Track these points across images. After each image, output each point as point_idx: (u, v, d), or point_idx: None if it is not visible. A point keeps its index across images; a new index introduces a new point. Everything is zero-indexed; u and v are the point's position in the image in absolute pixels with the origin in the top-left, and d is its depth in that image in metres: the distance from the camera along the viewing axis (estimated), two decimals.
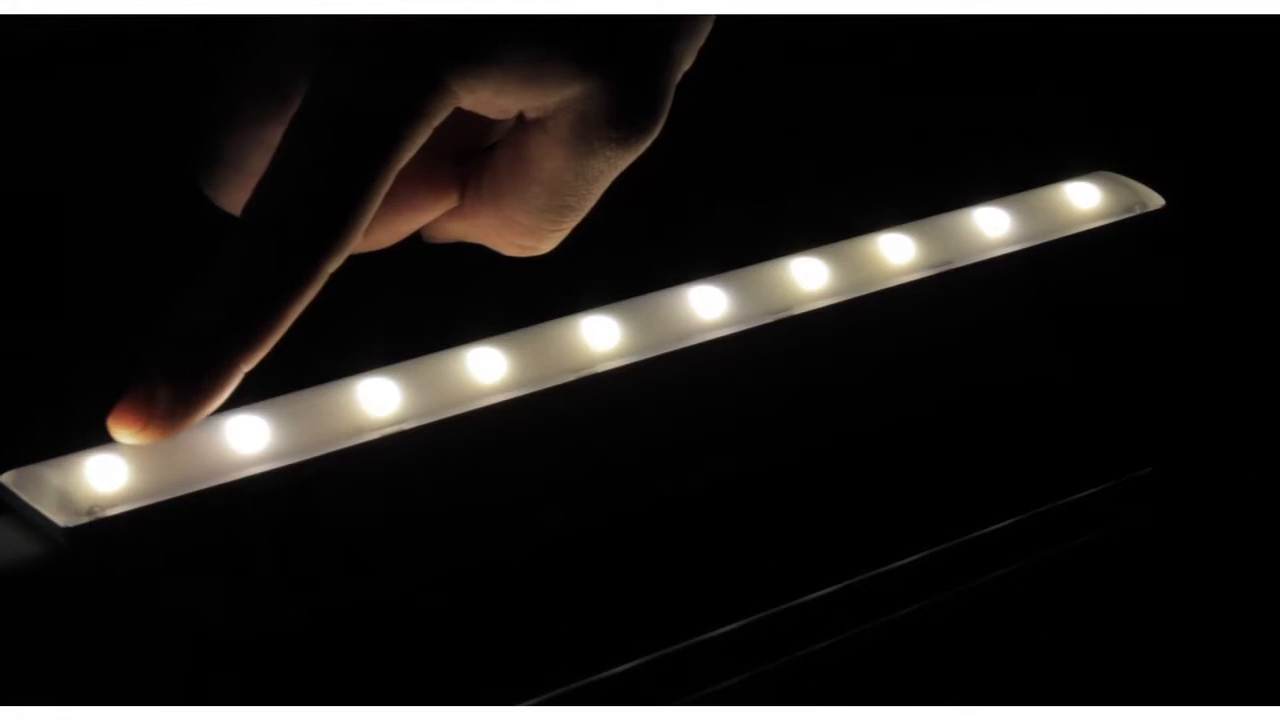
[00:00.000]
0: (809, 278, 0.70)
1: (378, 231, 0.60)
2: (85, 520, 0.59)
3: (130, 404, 0.57)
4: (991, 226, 0.74)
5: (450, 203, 0.62)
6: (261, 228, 0.56)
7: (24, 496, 0.60)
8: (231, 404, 0.59)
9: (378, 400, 0.63)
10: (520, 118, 0.59)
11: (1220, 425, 0.71)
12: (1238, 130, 0.87)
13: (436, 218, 0.62)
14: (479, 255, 0.66)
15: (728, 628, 0.61)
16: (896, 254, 0.72)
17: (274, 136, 0.57)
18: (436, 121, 0.57)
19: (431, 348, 0.66)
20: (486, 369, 0.65)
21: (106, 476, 0.60)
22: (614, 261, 0.70)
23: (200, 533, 0.60)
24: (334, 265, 0.57)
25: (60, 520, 0.59)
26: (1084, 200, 0.76)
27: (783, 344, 0.69)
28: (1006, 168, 0.77)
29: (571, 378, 0.66)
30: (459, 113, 0.58)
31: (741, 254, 0.71)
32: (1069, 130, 0.82)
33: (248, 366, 0.57)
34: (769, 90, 0.65)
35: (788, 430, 0.68)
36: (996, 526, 0.65)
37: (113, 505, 0.59)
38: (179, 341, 0.57)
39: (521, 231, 0.61)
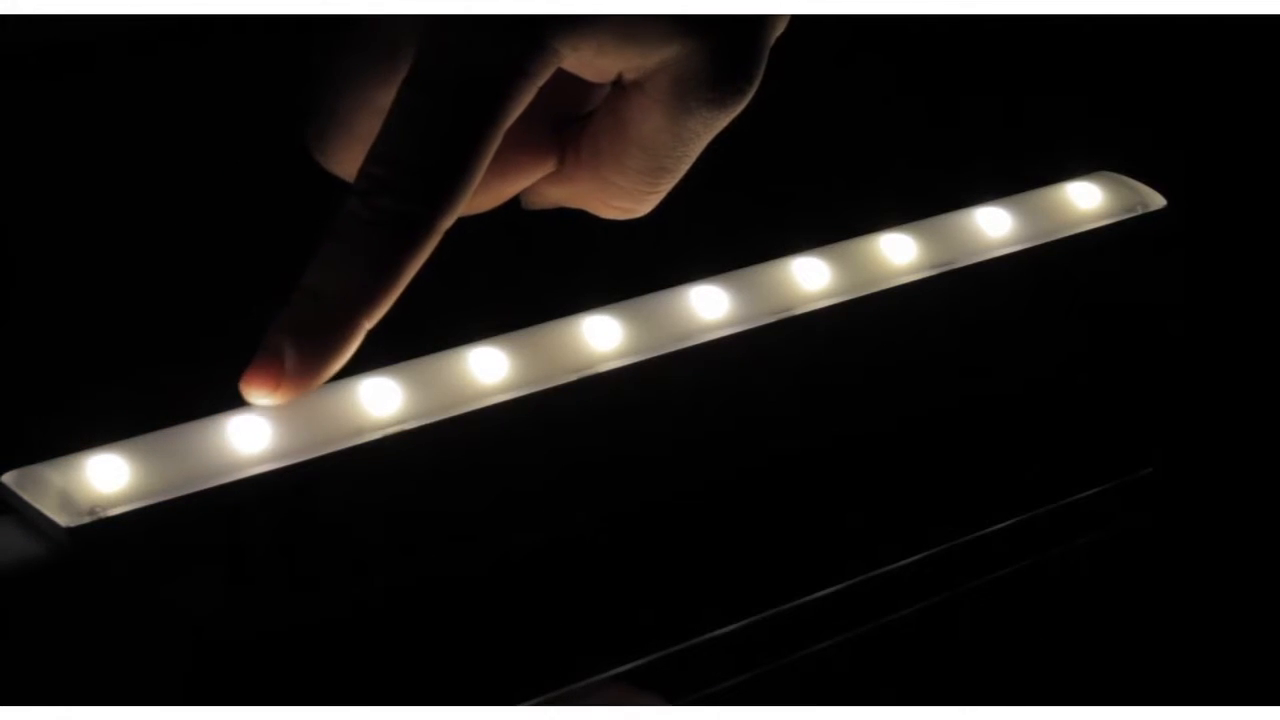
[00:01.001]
0: (811, 278, 0.70)
1: (480, 195, 0.61)
2: (86, 520, 0.59)
3: (260, 366, 0.59)
4: (993, 226, 0.74)
5: (549, 167, 0.63)
6: (377, 189, 0.58)
7: (25, 496, 0.60)
8: (232, 404, 0.60)
9: (379, 400, 0.63)
10: (618, 81, 0.60)
11: (1220, 426, 0.71)
12: (1239, 130, 0.87)
13: (535, 182, 0.63)
14: (480, 255, 0.66)
15: (728, 628, 0.61)
16: (898, 254, 0.72)
17: (384, 100, 0.59)
18: (540, 81, 0.58)
19: (433, 348, 0.66)
20: (488, 369, 0.65)
21: (107, 476, 0.60)
22: (615, 261, 0.70)
23: (201, 533, 0.60)
24: (448, 223, 0.58)
25: (61, 520, 0.59)
26: (1085, 200, 0.76)
27: (784, 344, 0.69)
28: (1008, 168, 0.77)
29: (573, 378, 0.66)
30: (559, 75, 0.59)
31: (743, 254, 0.71)
32: (1070, 130, 0.82)
33: (370, 324, 0.59)
34: (770, 90, 0.65)
35: (788, 430, 0.68)
36: (996, 527, 0.65)
37: (114, 505, 0.59)
38: (303, 303, 0.58)
39: (619, 194, 0.62)
